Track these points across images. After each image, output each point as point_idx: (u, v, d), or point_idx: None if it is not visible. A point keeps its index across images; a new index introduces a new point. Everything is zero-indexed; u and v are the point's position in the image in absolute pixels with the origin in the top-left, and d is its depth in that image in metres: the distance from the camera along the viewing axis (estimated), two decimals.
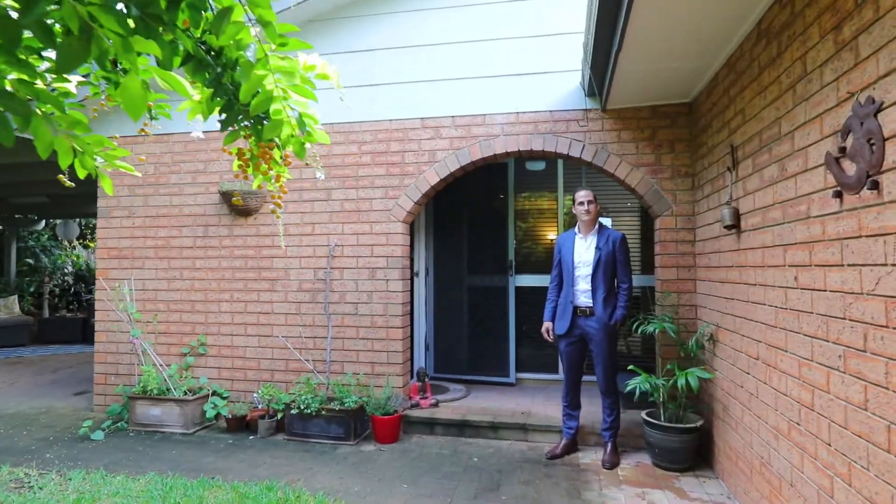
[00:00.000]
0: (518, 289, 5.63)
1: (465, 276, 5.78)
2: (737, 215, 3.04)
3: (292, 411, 4.33)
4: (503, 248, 5.63)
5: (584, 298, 3.89)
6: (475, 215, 5.81)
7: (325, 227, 4.76)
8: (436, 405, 4.75)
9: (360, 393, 4.53)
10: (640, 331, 3.79)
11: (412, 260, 5.80)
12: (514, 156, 4.56)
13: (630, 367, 3.66)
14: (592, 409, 4.49)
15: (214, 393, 4.82)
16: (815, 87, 2.14)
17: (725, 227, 3.10)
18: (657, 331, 3.57)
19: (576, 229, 4.00)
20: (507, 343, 5.56)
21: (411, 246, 5.72)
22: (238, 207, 4.80)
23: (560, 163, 5.63)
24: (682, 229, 4.11)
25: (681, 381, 3.40)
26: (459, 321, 5.79)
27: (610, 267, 3.87)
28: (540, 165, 5.77)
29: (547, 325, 4.01)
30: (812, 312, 2.19)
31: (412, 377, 4.89)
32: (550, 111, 4.38)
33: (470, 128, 4.53)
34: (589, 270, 3.87)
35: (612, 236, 3.90)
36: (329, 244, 4.72)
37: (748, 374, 2.93)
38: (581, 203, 3.90)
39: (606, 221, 5.49)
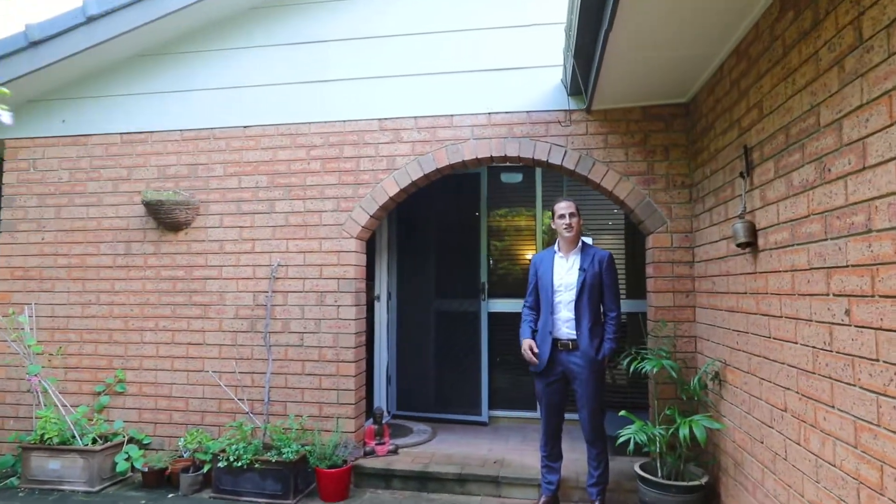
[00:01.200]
0: (492, 315, 5.01)
1: (433, 300, 5.15)
2: (753, 231, 2.48)
3: (220, 464, 3.61)
4: (475, 269, 5.02)
5: (566, 329, 3.28)
6: (444, 233, 5.20)
7: (267, 243, 4.09)
8: (394, 452, 4.07)
9: (305, 439, 3.83)
10: (632, 368, 3.19)
11: (372, 282, 5.15)
12: (485, 162, 3.98)
13: (622, 412, 3.05)
14: (575, 457, 3.86)
15: (132, 440, 4.06)
16: (878, 55, 1.59)
17: (738, 245, 2.53)
18: (655, 369, 2.97)
19: (555, 247, 3.42)
20: (479, 376, 4.92)
21: (370, 266, 5.09)
22: (165, 220, 4.10)
23: (538, 175, 5.07)
24: (679, 248, 3.56)
25: (683, 432, 2.80)
26: (425, 351, 5.13)
27: (596, 291, 3.29)
28: (516, 178, 5.21)
29: (528, 342, 3.35)
30: (877, 360, 1.61)
31: (367, 418, 4.21)
32: (527, 112, 3.82)
33: (435, 130, 3.94)
34: (572, 296, 3.28)
35: (597, 255, 3.32)
36: (271, 264, 4.06)
37: (771, 427, 2.34)
38: (562, 216, 3.32)
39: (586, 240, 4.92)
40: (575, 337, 3.26)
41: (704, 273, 3.28)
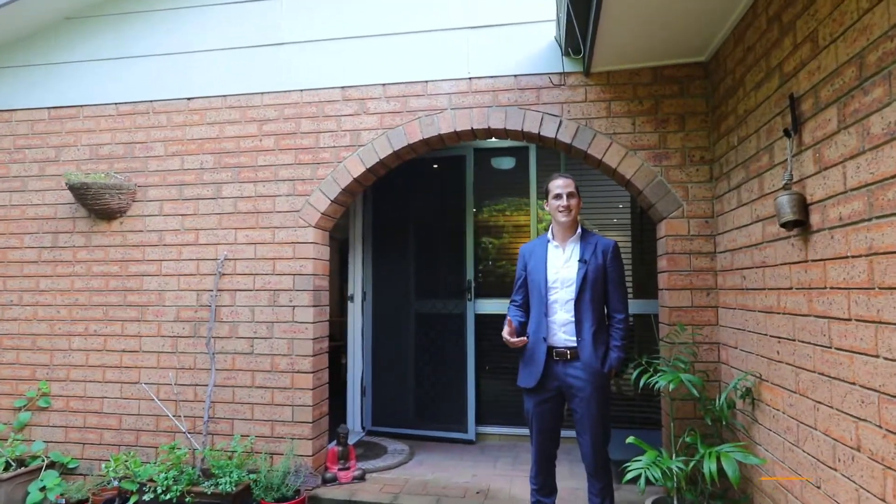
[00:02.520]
0: (480, 317, 4.40)
1: (413, 300, 4.54)
2: (803, 205, 1.87)
3: (146, 496, 3.01)
4: (460, 266, 4.41)
5: (563, 335, 2.67)
6: (425, 225, 4.59)
7: (213, 234, 3.50)
8: (361, 478, 3.46)
9: (252, 465, 3.23)
10: (642, 382, 2.58)
11: (345, 281, 4.56)
12: (466, 137, 3.38)
13: (630, 438, 2.43)
14: (574, 486, 3.25)
15: (53, 464, 3.46)
16: None
17: (783, 225, 1.92)
18: (672, 386, 2.35)
19: (548, 235, 2.81)
20: (465, 387, 4.31)
21: (343, 263, 4.51)
22: (95, 208, 3.52)
23: (533, 160, 4.46)
24: (699, 236, 2.95)
25: (709, 466, 2.17)
26: (404, 359, 4.52)
27: (600, 288, 2.68)
28: (508, 163, 4.61)
29: (509, 328, 2.69)
30: None
31: (331, 439, 3.60)
32: (515, 76, 3.22)
33: (406, 99, 3.34)
34: (570, 294, 2.66)
35: (601, 244, 2.71)
36: (217, 258, 3.46)
37: (834, 469, 1.73)
38: (558, 196, 2.71)
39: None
40: (575, 344, 2.64)
41: (730, 265, 2.67)
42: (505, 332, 2.68)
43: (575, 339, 2.65)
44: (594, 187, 4.31)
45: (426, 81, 3.32)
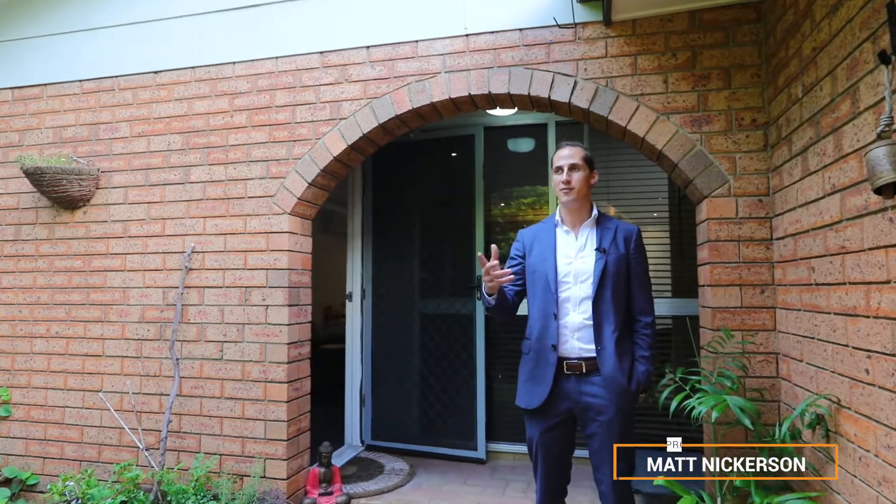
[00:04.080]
0: (491, 318, 3.87)
1: (417, 299, 4.04)
2: None
3: None
4: (468, 260, 3.89)
5: (577, 342, 2.12)
6: (431, 216, 4.09)
7: (181, 223, 3.09)
8: None
9: (218, 488, 2.80)
10: (674, 405, 2.00)
11: (346, 277, 4.11)
12: (464, 106, 2.86)
13: (658, 481, 1.86)
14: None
15: (9, 481, 3.12)
16: None
17: (877, 190, 1.34)
18: (716, 413, 1.78)
19: (556, 218, 2.26)
20: (474, 397, 3.78)
21: (341, 258, 4.06)
22: (54, 196, 3.16)
23: (552, 139, 3.88)
24: (750, 219, 2.35)
25: None
26: (407, 364, 4.03)
27: (622, 284, 2.14)
28: (526, 145, 4.06)
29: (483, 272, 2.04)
30: None
31: (314, 459, 3.14)
32: (520, 30, 2.69)
33: (394, 63, 2.85)
34: (587, 290, 2.12)
35: (621, 230, 2.17)
36: (185, 250, 3.05)
37: None
38: (559, 169, 2.18)
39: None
40: (593, 354, 2.10)
41: (793, 254, 2.07)
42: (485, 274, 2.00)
43: (593, 347, 2.10)
44: (632, 176, 3.73)
45: (416, 41, 2.82)
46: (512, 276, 2.05)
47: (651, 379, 2.18)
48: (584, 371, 2.10)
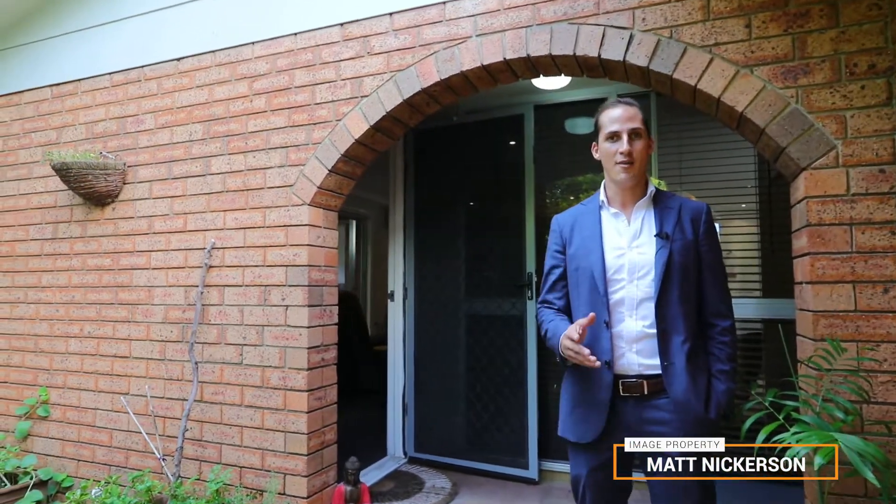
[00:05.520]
0: None
1: (462, 299, 3.68)
2: None
3: None
4: (518, 255, 3.48)
5: (636, 356, 1.66)
6: (478, 208, 3.72)
7: (202, 218, 2.91)
8: None
9: None
10: (760, 438, 1.50)
11: (374, 273, 3.81)
12: (500, 75, 2.46)
13: None
14: None
15: (42, 483, 3.08)
16: None
17: None
18: (823, 460, 1.28)
19: (600, 197, 1.83)
20: (525, 409, 3.37)
21: (383, 252, 3.76)
22: (82, 192, 3.08)
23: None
24: (867, 196, 1.80)
25: None
26: (452, 370, 3.67)
27: (692, 279, 1.67)
28: (584, 126, 3.59)
29: (567, 333, 1.60)
30: None
31: (340, 476, 2.85)
32: None
33: (419, 30, 2.50)
34: (648, 289, 1.65)
35: (686, 209, 1.70)
36: (205, 246, 2.87)
37: None
38: (614, 135, 1.74)
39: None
40: (658, 371, 1.64)
41: None
42: (570, 340, 1.58)
43: (657, 362, 1.65)
44: (711, 159, 3.17)
45: (443, 2, 2.45)
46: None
47: (733, 401, 1.70)
48: (645, 392, 1.65)
